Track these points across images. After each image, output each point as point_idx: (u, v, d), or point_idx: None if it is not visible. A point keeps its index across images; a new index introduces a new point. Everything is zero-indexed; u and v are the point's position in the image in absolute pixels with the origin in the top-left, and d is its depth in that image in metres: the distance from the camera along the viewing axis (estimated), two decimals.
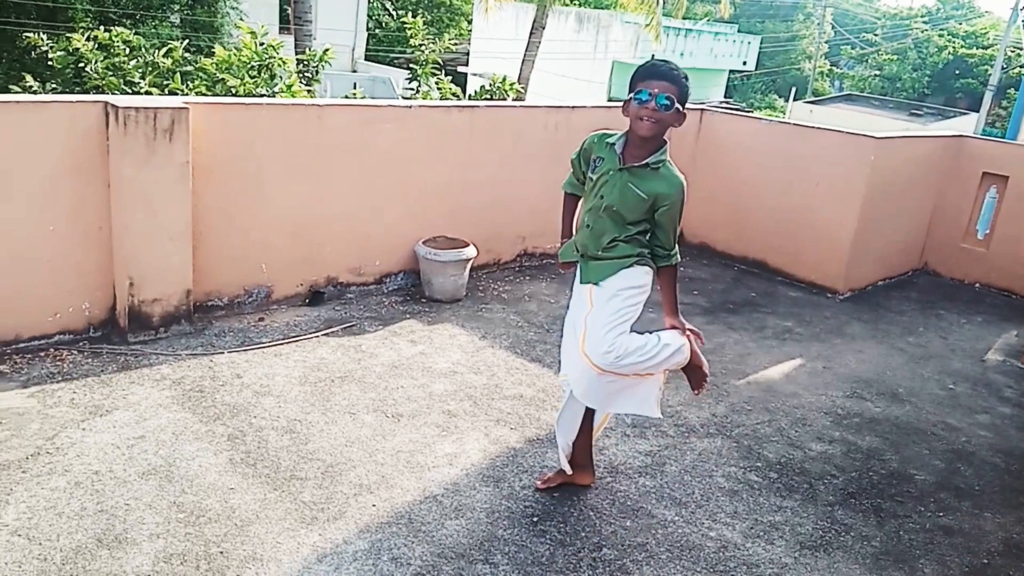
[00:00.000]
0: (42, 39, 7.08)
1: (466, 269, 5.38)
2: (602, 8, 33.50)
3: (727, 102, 29.80)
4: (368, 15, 27.90)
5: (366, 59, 25.79)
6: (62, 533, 2.79)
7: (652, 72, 2.83)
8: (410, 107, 5.28)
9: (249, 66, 6.38)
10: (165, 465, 3.23)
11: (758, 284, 6.51)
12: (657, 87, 2.78)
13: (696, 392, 3.16)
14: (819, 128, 6.58)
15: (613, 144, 2.96)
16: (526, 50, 19.76)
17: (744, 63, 31.88)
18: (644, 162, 2.87)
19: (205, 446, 3.39)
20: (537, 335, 4.98)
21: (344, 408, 3.84)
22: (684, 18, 27.20)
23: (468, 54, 28.54)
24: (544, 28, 19.94)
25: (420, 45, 7.77)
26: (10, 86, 7.76)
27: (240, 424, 3.59)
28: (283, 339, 4.52)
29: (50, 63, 7.13)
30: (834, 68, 44.50)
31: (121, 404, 3.65)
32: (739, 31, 33.01)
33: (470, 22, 31.75)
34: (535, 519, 3.17)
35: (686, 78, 2.84)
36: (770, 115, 23.52)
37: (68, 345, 4.15)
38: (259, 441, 3.48)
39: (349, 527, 2.98)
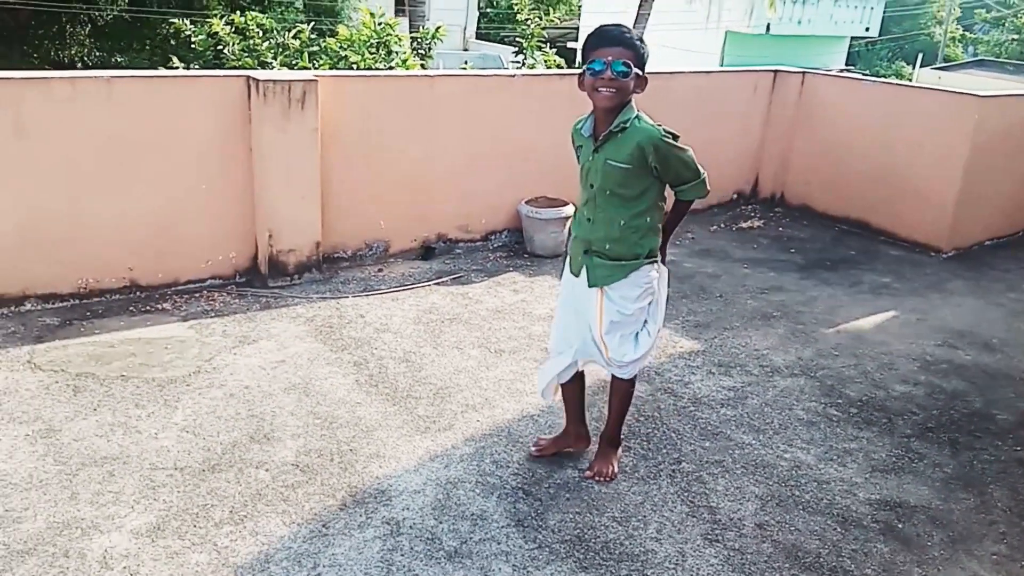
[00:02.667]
0: (186, 24, 7.87)
1: (565, 226, 5.74)
2: None
3: (848, 70, 28.72)
4: None
5: (477, 38, 26.36)
6: (221, 431, 3.35)
7: (603, 39, 2.68)
8: (513, 76, 5.66)
9: (368, 43, 6.92)
10: (303, 383, 3.77)
11: (858, 243, 6.57)
12: (611, 54, 2.63)
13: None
14: (921, 88, 6.56)
15: (582, 128, 2.86)
16: (634, 23, 19.76)
17: (867, 29, 30.54)
18: (609, 130, 2.74)
19: (335, 370, 3.91)
20: None
21: (452, 344, 4.29)
22: None
23: (578, 30, 28.67)
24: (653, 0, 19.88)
25: (526, 20, 8.15)
26: (157, 68, 8.64)
27: (364, 354, 4.10)
28: (399, 287, 5.02)
29: (192, 46, 7.93)
30: (967, 33, 41.92)
31: (264, 336, 4.23)
32: None
33: None
34: (621, 437, 3.52)
35: (641, 40, 2.70)
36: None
37: (218, 288, 4.78)
38: (380, 367, 3.97)
39: (457, 436, 3.43)
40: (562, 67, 8.34)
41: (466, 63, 12.43)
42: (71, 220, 4.31)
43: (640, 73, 2.70)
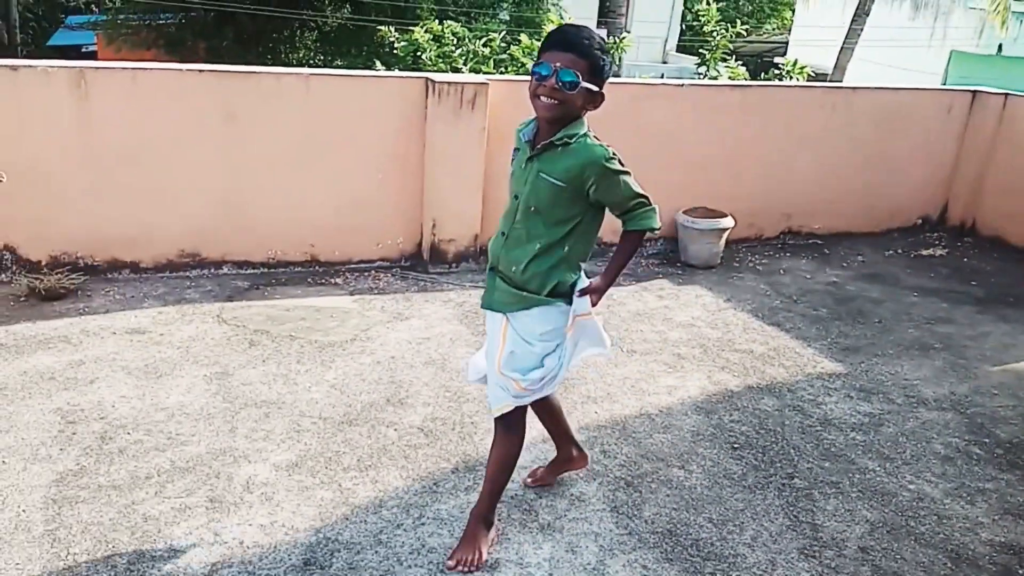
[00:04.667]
0: (391, 32, 8.56)
1: (722, 239, 5.73)
2: None
3: None
4: (686, 7, 28.23)
5: (678, 51, 26.16)
6: (363, 391, 3.73)
7: (558, 41, 2.32)
8: (682, 86, 5.73)
9: None
10: (441, 359, 4.10)
11: None
12: (561, 60, 2.28)
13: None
14: None
15: (523, 131, 2.50)
16: (845, 38, 18.91)
17: None
18: (550, 140, 2.39)
19: (472, 351, 4.20)
20: (783, 304, 5.21)
21: None
22: None
23: (786, 45, 27.70)
24: (868, 15, 18.94)
25: (712, 31, 8.13)
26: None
27: None
28: None
29: (395, 52, 8.61)
30: None
31: (416, 315, 4.61)
32: None
33: (794, 12, 30.69)
34: (735, 446, 3.54)
35: (602, 50, 2.33)
36: None
37: (385, 269, 5.25)
38: None
39: (572, 423, 3.53)
40: (746, 78, 8.24)
41: (662, 75, 12.56)
42: (266, 198, 4.92)
43: (594, 88, 2.34)
